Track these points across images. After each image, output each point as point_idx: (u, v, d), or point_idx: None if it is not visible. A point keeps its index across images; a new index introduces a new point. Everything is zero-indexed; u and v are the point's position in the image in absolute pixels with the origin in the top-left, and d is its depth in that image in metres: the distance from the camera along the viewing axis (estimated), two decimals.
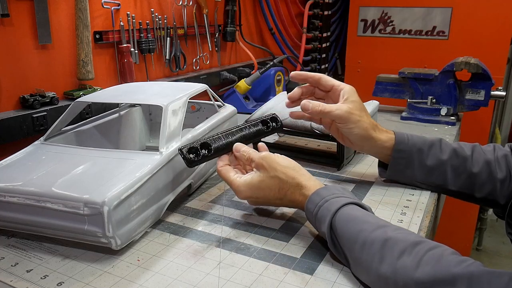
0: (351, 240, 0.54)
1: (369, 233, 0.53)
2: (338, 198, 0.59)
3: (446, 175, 0.75)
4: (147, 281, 0.54)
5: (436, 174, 0.76)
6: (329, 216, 0.57)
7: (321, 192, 0.61)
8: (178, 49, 1.29)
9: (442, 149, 0.75)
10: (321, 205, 0.59)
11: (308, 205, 0.62)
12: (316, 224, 0.61)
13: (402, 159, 0.76)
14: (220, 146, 0.69)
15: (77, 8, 0.97)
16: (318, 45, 2.11)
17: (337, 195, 0.60)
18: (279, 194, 0.65)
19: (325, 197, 0.60)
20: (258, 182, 0.65)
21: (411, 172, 0.77)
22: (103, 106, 0.98)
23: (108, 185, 0.57)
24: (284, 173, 0.64)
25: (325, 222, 0.58)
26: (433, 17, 1.85)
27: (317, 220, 0.60)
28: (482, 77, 1.23)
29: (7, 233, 0.65)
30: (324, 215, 0.58)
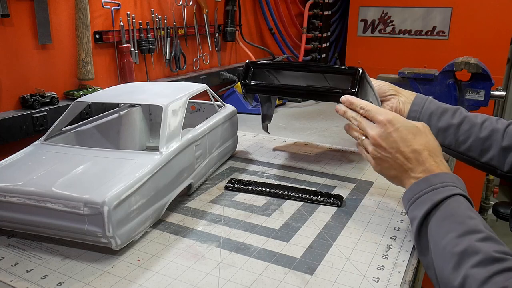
0: (438, 238, 0.54)
1: (456, 237, 0.52)
2: (445, 188, 0.59)
3: (454, 137, 0.81)
4: (147, 281, 0.54)
5: (445, 135, 0.82)
6: (429, 205, 0.57)
7: (431, 179, 0.61)
8: (178, 49, 1.29)
9: (455, 115, 0.82)
10: (426, 192, 0.59)
11: (413, 186, 0.62)
12: (409, 207, 0.61)
13: (415, 119, 0.83)
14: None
15: (77, 8, 0.97)
16: (318, 45, 2.11)
17: (446, 183, 0.59)
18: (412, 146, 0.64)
19: (433, 185, 0.59)
20: (415, 126, 0.66)
21: None
22: (103, 106, 0.98)
23: (108, 185, 0.57)
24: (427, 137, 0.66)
25: (422, 209, 0.58)
26: (433, 17, 1.85)
27: (414, 204, 0.60)
28: (482, 77, 1.23)
29: (7, 233, 0.65)
30: (423, 202, 0.58)
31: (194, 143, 0.75)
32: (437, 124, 0.83)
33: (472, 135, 0.80)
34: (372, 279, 0.54)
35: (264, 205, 0.75)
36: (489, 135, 0.79)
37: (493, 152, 0.78)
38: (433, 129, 0.81)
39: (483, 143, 0.79)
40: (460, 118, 0.82)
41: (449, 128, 0.82)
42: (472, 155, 0.81)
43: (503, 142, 0.77)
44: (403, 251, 0.61)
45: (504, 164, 0.78)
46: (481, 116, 0.82)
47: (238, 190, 0.80)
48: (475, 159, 0.81)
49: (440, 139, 0.81)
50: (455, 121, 0.82)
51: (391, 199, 0.77)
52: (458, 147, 0.82)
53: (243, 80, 0.86)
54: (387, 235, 0.65)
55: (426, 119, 0.83)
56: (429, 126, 0.80)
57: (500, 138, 0.78)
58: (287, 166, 0.92)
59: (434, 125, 0.83)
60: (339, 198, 0.75)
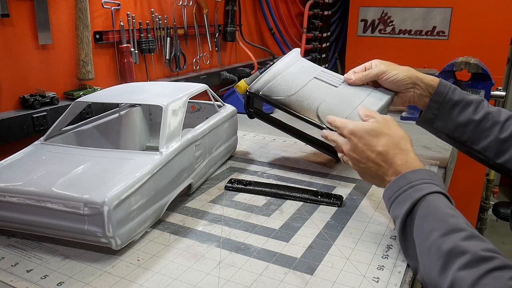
0: (422, 238, 0.54)
1: (439, 236, 0.51)
2: (424, 185, 0.58)
3: (473, 134, 0.78)
4: (147, 281, 0.54)
5: (463, 130, 0.79)
6: (409, 204, 0.57)
7: (408, 176, 0.60)
8: (178, 49, 1.29)
9: (477, 110, 0.78)
10: (405, 190, 0.59)
11: (391, 184, 0.61)
12: (390, 206, 0.61)
13: (435, 109, 0.80)
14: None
15: (77, 8, 0.97)
16: (318, 45, 2.11)
17: (424, 180, 0.59)
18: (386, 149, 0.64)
19: (411, 182, 0.59)
20: (373, 128, 0.66)
21: (440, 123, 0.81)
22: (103, 106, 0.98)
23: (108, 185, 0.57)
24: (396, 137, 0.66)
25: (402, 208, 0.57)
26: (433, 17, 1.85)
27: (394, 202, 0.60)
28: (482, 77, 1.23)
29: (7, 233, 0.65)
30: (404, 200, 0.58)
31: (194, 143, 0.75)
32: (457, 118, 0.79)
33: (492, 134, 0.77)
34: (372, 279, 0.54)
35: (264, 205, 0.75)
36: (510, 136, 0.75)
37: (510, 155, 0.75)
38: (450, 123, 0.80)
39: (502, 144, 0.76)
40: (482, 114, 0.77)
41: (469, 124, 0.78)
42: (487, 154, 0.77)
43: None
44: None
45: None
46: (505, 114, 0.78)
47: (238, 190, 0.80)
48: (489, 159, 0.78)
49: (457, 134, 0.80)
50: (476, 117, 0.77)
51: None
52: (475, 144, 0.78)
53: (247, 109, 0.92)
54: (387, 235, 0.65)
55: (447, 111, 0.79)
56: (448, 119, 0.79)
57: None
58: (287, 166, 0.92)
59: (454, 119, 0.79)
60: (339, 198, 0.75)
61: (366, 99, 0.83)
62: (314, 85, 0.86)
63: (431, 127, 0.84)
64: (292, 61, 0.92)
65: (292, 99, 0.83)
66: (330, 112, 0.79)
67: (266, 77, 0.87)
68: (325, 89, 0.85)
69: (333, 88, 0.85)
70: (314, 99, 0.83)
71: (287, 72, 0.88)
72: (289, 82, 0.85)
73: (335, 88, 0.85)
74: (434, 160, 0.95)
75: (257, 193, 0.79)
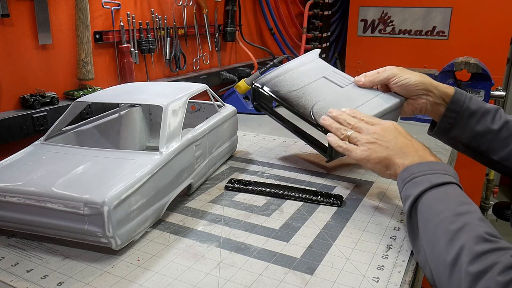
0: (431, 215, 0.54)
1: (452, 215, 0.52)
2: (446, 175, 0.58)
3: (491, 143, 0.76)
4: (147, 281, 0.54)
5: (481, 140, 0.76)
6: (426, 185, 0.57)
7: (432, 165, 0.61)
8: (178, 49, 1.29)
9: (495, 119, 0.76)
10: (425, 174, 0.59)
11: (411, 167, 0.61)
12: (404, 186, 0.60)
13: (452, 119, 0.77)
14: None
15: (77, 8, 0.97)
16: (318, 45, 2.11)
17: (447, 172, 0.59)
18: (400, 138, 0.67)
19: (433, 169, 0.59)
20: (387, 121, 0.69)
21: (457, 132, 0.78)
22: (103, 106, 0.98)
23: (108, 185, 0.57)
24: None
25: (418, 188, 0.57)
26: (433, 17, 1.85)
27: (409, 182, 0.59)
28: (482, 77, 1.23)
29: (7, 233, 0.65)
30: (421, 182, 0.58)
31: (194, 143, 0.75)
32: (475, 127, 0.76)
33: (511, 144, 0.75)
34: (372, 279, 0.54)
35: (264, 205, 0.75)
36: None
37: None
38: (468, 133, 0.77)
39: None
40: (500, 123, 0.75)
41: (488, 133, 0.75)
42: (507, 164, 0.75)
43: None
44: (403, 251, 0.61)
45: None
46: None
47: (238, 190, 0.80)
48: (509, 168, 0.76)
49: (474, 144, 0.77)
50: (495, 127, 0.75)
51: (391, 199, 0.77)
52: (494, 154, 0.76)
53: (254, 102, 0.95)
54: (387, 235, 0.65)
55: (465, 121, 0.77)
56: (465, 129, 0.78)
57: None
58: (287, 166, 0.92)
59: (471, 128, 0.76)
60: (339, 198, 0.75)
61: (370, 100, 0.82)
62: (319, 84, 0.87)
63: (446, 137, 0.80)
64: (307, 60, 0.95)
65: (292, 95, 0.85)
66: (326, 110, 0.79)
67: (275, 73, 0.91)
68: (330, 89, 0.86)
69: (338, 88, 0.86)
70: (314, 96, 0.84)
71: (299, 70, 0.91)
72: (295, 79, 0.89)
73: (340, 88, 0.86)
74: None
75: (257, 193, 0.79)
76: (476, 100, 0.77)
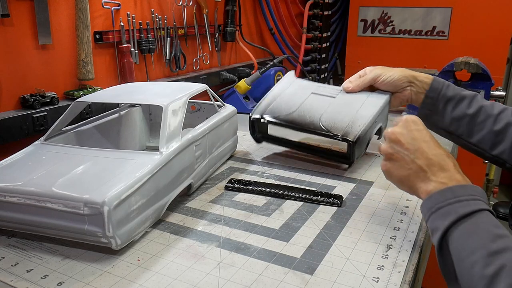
0: (464, 254, 0.49)
1: (486, 256, 0.47)
2: (472, 201, 0.53)
3: (468, 127, 0.80)
4: (147, 281, 0.54)
5: (458, 124, 0.80)
6: (454, 217, 0.52)
7: (456, 190, 0.55)
8: (178, 49, 1.29)
9: (471, 104, 0.79)
10: (451, 203, 0.53)
11: (435, 195, 0.56)
12: (430, 216, 0.55)
13: (431, 105, 0.82)
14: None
15: (77, 8, 0.97)
16: (318, 45, 2.11)
17: (473, 196, 0.54)
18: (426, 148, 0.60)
19: (459, 196, 0.54)
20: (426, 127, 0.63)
21: (436, 117, 0.83)
22: (103, 106, 0.98)
23: (108, 185, 0.57)
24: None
25: (445, 220, 0.53)
26: (433, 17, 1.85)
27: (435, 213, 0.54)
28: (482, 77, 1.23)
29: (7, 233, 0.65)
30: (448, 212, 0.53)
31: (194, 143, 0.75)
32: (452, 113, 0.81)
33: (486, 127, 0.78)
34: (372, 279, 0.55)
35: (264, 205, 0.75)
36: (503, 129, 0.77)
37: (505, 146, 0.76)
38: (446, 118, 0.82)
39: (496, 136, 0.77)
40: (476, 108, 0.79)
41: (464, 118, 0.80)
42: (483, 146, 0.79)
43: None
44: (403, 251, 0.61)
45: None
46: (498, 107, 0.79)
47: (238, 190, 0.80)
48: (485, 151, 0.79)
49: (452, 128, 0.82)
50: (470, 111, 0.79)
51: (391, 199, 0.77)
52: (470, 137, 0.80)
53: (253, 134, 0.96)
54: (387, 235, 0.65)
55: (442, 106, 0.81)
56: (443, 114, 0.82)
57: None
58: (287, 166, 0.92)
59: (449, 114, 0.81)
60: (339, 198, 0.75)
61: (365, 102, 0.87)
62: (313, 100, 0.91)
63: (428, 122, 0.84)
64: (288, 83, 0.98)
65: (294, 116, 0.88)
66: (333, 120, 0.85)
67: (265, 101, 0.93)
68: (324, 101, 0.90)
69: (332, 99, 0.91)
70: (316, 111, 0.88)
71: (285, 93, 0.94)
72: (288, 102, 0.92)
73: (333, 98, 0.91)
74: None
75: (257, 193, 0.79)
76: (454, 87, 0.82)
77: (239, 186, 0.80)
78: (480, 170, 1.90)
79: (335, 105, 0.88)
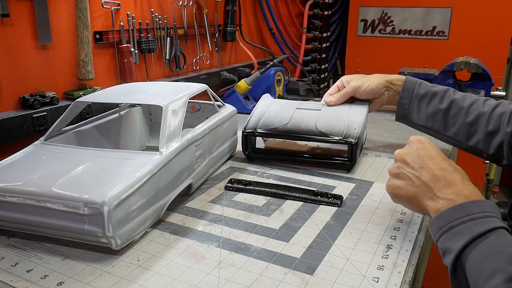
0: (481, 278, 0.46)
1: (505, 281, 0.44)
2: (486, 219, 0.50)
3: (442, 122, 0.85)
4: (147, 281, 0.54)
5: (434, 120, 0.86)
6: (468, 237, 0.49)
7: (468, 207, 0.52)
8: (178, 49, 1.29)
9: (443, 99, 0.84)
10: (464, 221, 0.50)
11: (445, 213, 0.53)
12: (441, 236, 0.52)
13: (405, 105, 0.88)
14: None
15: (77, 8, 0.97)
16: (318, 45, 2.11)
17: (486, 214, 0.51)
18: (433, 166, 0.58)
19: (472, 214, 0.51)
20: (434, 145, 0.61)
21: (413, 116, 0.88)
22: (103, 106, 0.98)
23: (108, 185, 0.57)
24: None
25: (458, 240, 0.50)
26: (433, 17, 1.85)
27: (447, 233, 0.52)
28: (482, 77, 1.23)
29: (7, 233, 0.65)
30: (461, 232, 0.50)
31: (194, 143, 0.75)
32: (426, 110, 0.86)
33: (459, 120, 0.82)
34: (372, 279, 0.54)
35: (264, 205, 0.75)
36: (475, 120, 0.81)
37: (478, 137, 0.80)
38: (422, 114, 0.87)
39: (470, 128, 0.81)
40: (448, 103, 0.83)
41: (438, 113, 0.84)
42: (459, 139, 0.83)
43: (488, 126, 0.79)
44: (403, 251, 0.61)
45: (490, 148, 0.80)
46: (470, 98, 0.83)
47: (238, 190, 0.80)
48: (462, 142, 0.83)
49: (429, 124, 0.86)
50: (443, 106, 0.84)
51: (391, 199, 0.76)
52: (446, 131, 0.84)
53: (246, 151, 0.94)
54: (387, 235, 0.65)
55: (417, 105, 0.86)
56: (419, 112, 0.87)
57: (486, 123, 0.80)
58: (287, 166, 0.92)
59: (424, 111, 0.86)
60: (339, 198, 0.75)
61: (350, 111, 0.92)
62: (300, 113, 0.94)
63: (406, 121, 0.91)
64: (269, 101, 1.00)
65: (288, 127, 0.90)
66: (329, 126, 0.88)
67: (254, 118, 0.95)
68: (312, 113, 0.94)
69: (318, 111, 0.94)
70: (309, 120, 0.91)
71: (270, 110, 0.96)
72: (277, 116, 0.94)
73: (319, 111, 0.94)
74: None
75: (257, 193, 0.79)
76: (426, 84, 0.87)
77: (239, 186, 0.80)
78: (480, 170, 1.90)
79: (324, 115, 0.92)
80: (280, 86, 1.48)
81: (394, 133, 1.14)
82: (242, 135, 0.92)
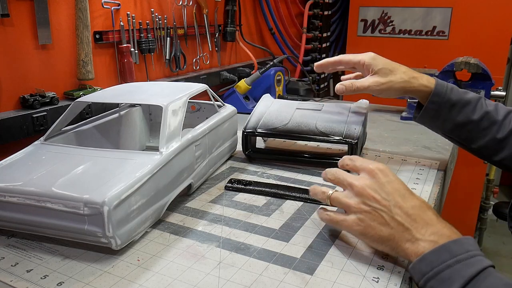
0: None
1: None
2: (472, 259, 0.48)
3: (471, 133, 0.78)
4: (147, 281, 0.54)
5: (462, 130, 0.79)
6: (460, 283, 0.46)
7: (452, 248, 0.49)
8: (178, 49, 1.29)
9: (476, 109, 0.77)
10: (450, 265, 0.48)
11: (429, 256, 0.50)
12: (427, 283, 0.49)
13: (434, 111, 0.79)
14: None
15: (77, 8, 0.97)
16: (318, 45, 2.11)
17: (470, 253, 0.48)
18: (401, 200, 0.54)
19: (457, 256, 0.48)
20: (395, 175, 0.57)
21: (439, 123, 0.81)
22: (103, 106, 0.98)
23: (108, 185, 0.57)
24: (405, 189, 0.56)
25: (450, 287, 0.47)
26: (433, 17, 1.85)
27: (434, 279, 0.48)
28: (482, 77, 1.23)
29: (7, 233, 0.65)
30: (450, 278, 0.47)
31: (194, 143, 0.75)
32: (456, 118, 0.78)
33: (490, 134, 0.77)
34: (372, 279, 0.54)
35: (264, 205, 0.75)
36: (507, 136, 0.75)
37: (507, 152, 0.76)
38: (449, 123, 0.79)
39: (499, 143, 0.76)
40: (480, 114, 0.77)
41: (468, 124, 0.77)
42: (484, 153, 0.78)
43: None
44: None
45: None
46: (502, 111, 0.77)
47: (238, 190, 0.80)
48: (486, 157, 0.79)
49: (455, 133, 0.80)
50: (475, 117, 0.77)
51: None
52: (472, 143, 0.79)
53: (246, 150, 0.94)
54: None
55: (446, 112, 0.78)
56: (447, 119, 0.79)
57: None
58: (287, 166, 0.92)
59: (453, 119, 0.78)
60: None
61: (349, 112, 0.93)
62: (300, 113, 0.94)
63: (429, 126, 0.85)
64: (269, 101, 1.00)
65: (289, 126, 0.90)
66: (329, 126, 0.88)
67: (254, 118, 0.94)
68: (312, 113, 0.94)
69: (318, 111, 0.94)
70: (309, 120, 0.91)
71: (270, 110, 0.96)
72: (278, 116, 0.93)
73: (319, 111, 0.94)
74: (434, 160, 0.95)
75: (257, 193, 0.79)
76: (457, 90, 0.79)
77: (239, 186, 0.80)
78: (480, 170, 1.90)
79: (324, 116, 0.92)
80: (280, 86, 1.48)
81: (394, 133, 1.14)
82: (242, 135, 0.92)
